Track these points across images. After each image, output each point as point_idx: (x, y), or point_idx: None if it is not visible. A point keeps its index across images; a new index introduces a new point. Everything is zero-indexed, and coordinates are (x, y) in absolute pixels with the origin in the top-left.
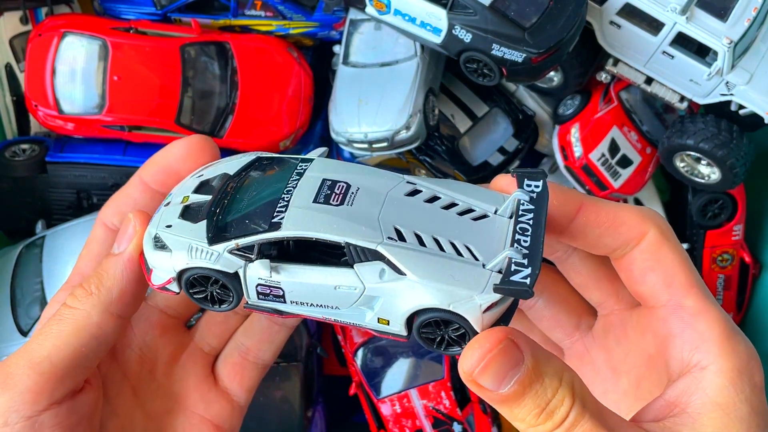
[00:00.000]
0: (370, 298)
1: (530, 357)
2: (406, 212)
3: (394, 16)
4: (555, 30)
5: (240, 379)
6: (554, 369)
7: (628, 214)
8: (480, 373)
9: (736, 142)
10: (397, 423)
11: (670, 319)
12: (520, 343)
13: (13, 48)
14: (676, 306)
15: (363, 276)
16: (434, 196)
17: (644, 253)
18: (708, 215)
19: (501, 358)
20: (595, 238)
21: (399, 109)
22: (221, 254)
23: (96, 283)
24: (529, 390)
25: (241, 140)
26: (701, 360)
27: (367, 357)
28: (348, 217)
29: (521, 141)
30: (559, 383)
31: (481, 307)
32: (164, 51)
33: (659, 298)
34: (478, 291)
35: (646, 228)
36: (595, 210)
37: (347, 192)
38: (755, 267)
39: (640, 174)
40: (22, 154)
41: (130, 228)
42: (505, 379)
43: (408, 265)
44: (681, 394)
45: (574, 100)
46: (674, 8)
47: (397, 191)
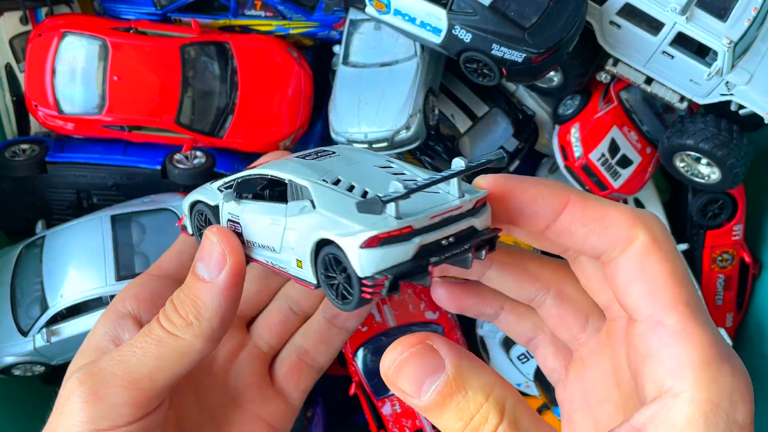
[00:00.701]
0: (290, 235)
1: (452, 366)
2: (358, 172)
3: (393, 16)
4: (555, 30)
5: (296, 380)
6: (481, 383)
7: (617, 215)
8: (395, 374)
9: (736, 142)
10: (397, 423)
11: (648, 337)
12: (441, 350)
13: (13, 48)
14: (655, 323)
15: (288, 209)
16: (400, 172)
17: (630, 260)
18: (708, 215)
19: (415, 360)
20: (582, 237)
21: (399, 109)
22: (212, 189)
23: (194, 314)
24: (450, 401)
25: (241, 140)
26: (674, 386)
27: (367, 357)
28: (307, 165)
29: (521, 141)
30: (485, 399)
31: (359, 239)
32: (164, 51)
33: (641, 311)
34: (362, 225)
35: (635, 232)
36: (582, 206)
37: (324, 155)
38: (755, 267)
39: (640, 174)
40: (22, 154)
41: (217, 251)
42: (424, 386)
43: (321, 199)
44: (647, 421)
45: (574, 100)
46: (674, 8)
47: (367, 162)
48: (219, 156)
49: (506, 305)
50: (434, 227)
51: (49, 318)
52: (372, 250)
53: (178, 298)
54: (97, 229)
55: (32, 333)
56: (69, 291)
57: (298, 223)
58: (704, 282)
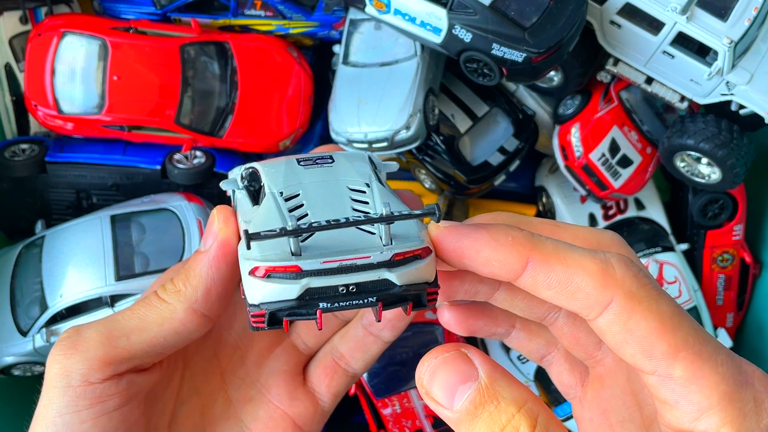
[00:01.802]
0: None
1: (486, 375)
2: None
3: (394, 16)
4: (555, 30)
5: (329, 382)
6: (513, 395)
7: (583, 280)
8: (429, 379)
9: (736, 142)
10: (397, 423)
11: (661, 389)
12: (475, 359)
13: (13, 48)
14: (664, 377)
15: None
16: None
17: (613, 326)
18: (708, 215)
19: (448, 366)
20: (549, 298)
21: (399, 109)
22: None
23: (183, 280)
24: (482, 411)
25: (241, 140)
26: (708, 427)
27: None
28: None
29: (521, 141)
30: (517, 410)
31: (248, 266)
32: (164, 51)
33: (645, 368)
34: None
35: (606, 296)
36: (543, 270)
37: (320, 163)
38: (756, 267)
39: (640, 174)
40: (22, 154)
41: (215, 225)
42: (457, 394)
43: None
44: None
45: (575, 100)
46: (674, 8)
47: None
48: (219, 156)
49: (517, 323)
50: (330, 272)
51: (48, 318)
52: (258, 280)
53: (177, 271)
54: (97, 229)
55: (32, 333)
56: (69, 291)
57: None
58: (704, 282)
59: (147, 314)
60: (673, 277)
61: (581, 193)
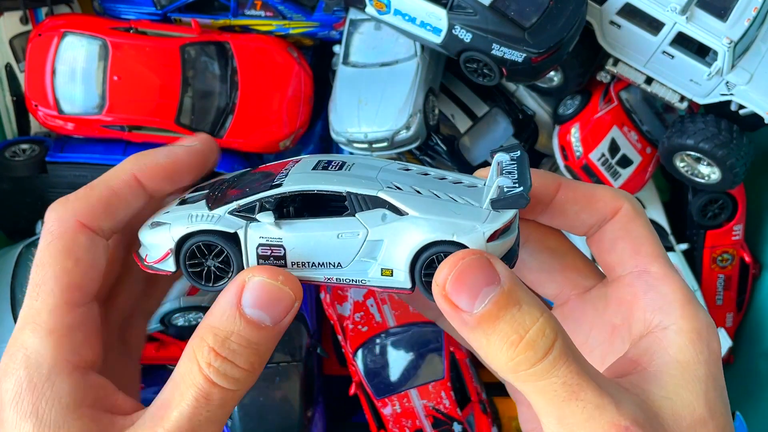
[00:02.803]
0: (373, 245)
1: (507, 280)
2: (401, 177)
3: (394, 16)
4: (555, 30)
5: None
6: (534, 301)
7: (603, 192)
8: (452, 286)
9: (736, 142)
10: (397, 423)
11: (635, 283)
12: (496, 265)
13: (13, 48)
14: (642, 271)
15: (365, 221)
16: (425, 172)
17: (616, 224)
18: (708, 215)
19: (473, 271)
20: (574, 214)
21: (399, 109)
22: (222, 216)
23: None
24: (505, 312)
25: (241, 140)
26: (663, 320)
27: (367, 357)
28: (346, 176)
29: (521, 141)
30: (540, 314)
31: (485, 236)
32: (164, 51)
33: (626, 266)
34: (480, 222)
35: (620, 203)
36: (572, 189)
37: (343, 165)
38: (755, 267)
39: (640, 174)
40: (22, 154)
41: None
42: (479, 297)
43: (409, 204)
44: (643, 352)
45: (574, 100)
46: (674, 8)
47: (390, 167)
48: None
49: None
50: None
51: None
52: (494, 243)
53: (229, 348)
54: None
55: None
56: None
57: (385, 231)
58: (704, 282)
59: (212, 410)
60: None
61: None
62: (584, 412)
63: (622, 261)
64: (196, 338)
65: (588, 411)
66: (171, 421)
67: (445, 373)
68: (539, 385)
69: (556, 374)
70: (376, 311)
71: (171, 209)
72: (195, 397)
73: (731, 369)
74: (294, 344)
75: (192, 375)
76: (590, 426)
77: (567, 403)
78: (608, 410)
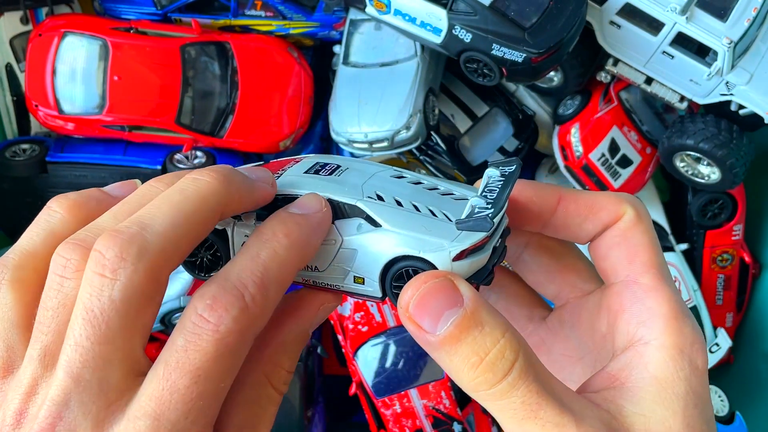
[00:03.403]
0: (347, 254)
1: (471, 302)
2: (389, 186)
3: (394, 16)
4: (555, 30)
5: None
6: (497, 322)
7: (605, 199)
8: (414, 308)
9: (736, 142)
10: (397, 423)
11: (623, 294)
12: (460, 287)
13: (14, 48)
14: (631, 281)
15: (341, 229)
16: (418, 181)
17: (615, 230)
18: (708, 215)
19: (436, 293)
20: (577, 226)
21: (399, 109)
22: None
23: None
24: (467, 335)
25: (242, 140)
26: (645, 335)
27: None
28: (333, 182)
29: (521, 141)
30: (502, 336)
31: (450, 254)
32: (164, 51)
33: (618, 274)
34: (448, 240)
35: (622, 210)
36: (573, 200)
37: (336, 170)
38: (755, 267)
39: (640, 174)
40: (23, 154)
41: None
42: (441, 319)
43: (384, 217)
44: (623, 367)
45: (574, 100)
46: (674, 8)
47: (384, 174)
48: (219, 156)
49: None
50: (496, 231)
51: None
52: (460, 263)
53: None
54: None
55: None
56: None
57: (358, 241)
58: (704, 282)
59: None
60: (673, 276)
61: None
62: (544, 429)
63: (615, 269)
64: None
65: (547, 429)
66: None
67: (445, 372)
68: (499, 404)
69: (516, 394)
70: (376, 311)
71: None
72: (275, 412)
73: (731, 369)
74: None
75: (269, 395)
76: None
77: (526, 422)
78: (567, 428)
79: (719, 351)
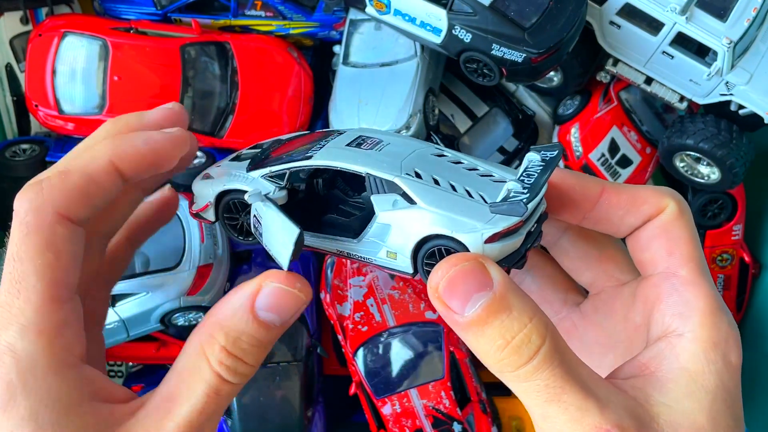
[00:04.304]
0: (381, 228)
1: (500, 286)
2: (429, 163)
3: (394, 17)
4: (555, 30)
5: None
6: (526, 307)
7: (648, 193)
8: (444, 289)
9: (735, 142)
10: (397, 423)
11: (661, 285)
12: (490, 270)
13: (14, 48)
14: (670, 273)
15: (377, 204)
16: (458, 160)
17: (656, 223)
18: (708, 215)
19: (465, 276)
20: (618, 219)
21: (399, 109)
22: (255, 179)
23: (261, 359)
24: (494, 318)
25: (242, 140)
26: (680, 326)
27: (367, 357)
28: (374, 156)
29: (521, 141)
30: (529, 321)
31: (483, 237)
32: (164, 51)
33: (657, 266)
34: (482, 222)
35: (665, 203)
36: (616, 193)
37: (378, 143)
38: (755, 267)
39: (640, 174)
40: (23, 154)
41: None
42: (470, 302)
43: (420, 194)
44: (654, 357)
45: (574, 100)
46: (674, 8)
47: (424, 151)
48: (219, 156)
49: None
50: (531, 216)
51: None
52: (492, 245)
53: (239, 348)
54: None
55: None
56: None
57: (393, 217)
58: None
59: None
60: None
61: None
62: (566, 413)
63: (654, 260)
64: (205, 335)
65: (570, 413)
66: (182, 414)
67: (444, 372)
68: (523, 386)
69: (539, 377)
70: (376, 311)
71: (223, 163)
72: (206, 392)
73: None
74: (294, 344)
75: (202, 371)
76: (571, 427)
77: (549, 404)
78: (591, 413)
79: None
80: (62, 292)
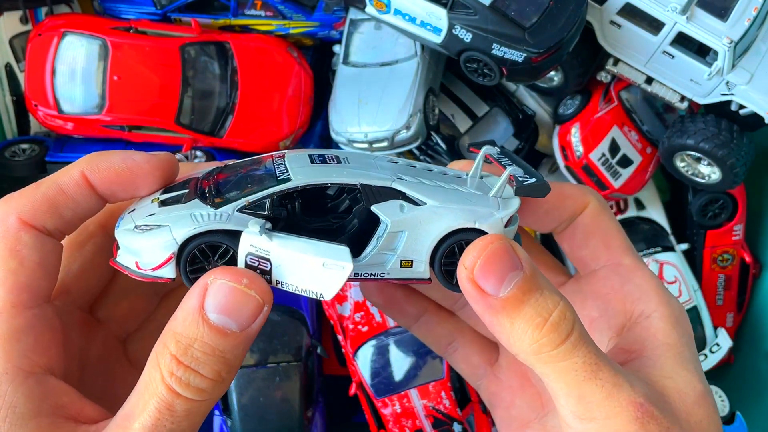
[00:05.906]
0: (393, 237)
1: (528, 265)
2: (398, 169)
3: (394, 16)
4: (555, 30)
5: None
6: (552, 286)
7: (571, 189)
8: (480, 270)
9: (736, 142)
10: (397, 423)
11: (611, 277)
12: (517, 251)
13: (13, 48)
14: (615, 264)
15: (383, 213)
16: (411, 164)
17: (586, 219)
18: (708, 215)
19: (499, 256)
20: (543, 213)
21: (399, 109)
22: (231, 214)
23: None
24: (529, 297)
25: (241, 140)
26: (644, 309)
27: (368, 357)
28: (355, 167)
29: (521, 141)
30: (560, 299)
31: (503, 221)
32: (164, 51)
33: (599, 260)
34: (494, 209)
35: (588, 199)
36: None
37: (339, 158)
38: (755, 267)
39: (640, 174)
40: (22, 154)
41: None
42: (504, 282)
43: (425, 194)
44: (633, 341)
45: (575, 100)
46: (674, 8)
47: (382, 159)
48: (219, 156)
49: (429, 308)
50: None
51: None
52: (508, 229)
53: (192, 356)
54: None
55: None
56: None
57: (405, 222)
58: (704, 282)
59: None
60: (673, 277)
61: None
62: (603, 390)
63: (595, 256)
64: (160, 344)
65: (607, 389)
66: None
67: (445, 372)
68: (560, 366)
69: (578, 354)
70: (376, 311)
71: (156, 210)
72: (157, 408)
73: (731, 369)
74: (294, 344)
75: (154, 384)
76: (609, 404)
77: (587, 383)
78: (625, 388)
79: (720, 351)
80: (24, 298)
